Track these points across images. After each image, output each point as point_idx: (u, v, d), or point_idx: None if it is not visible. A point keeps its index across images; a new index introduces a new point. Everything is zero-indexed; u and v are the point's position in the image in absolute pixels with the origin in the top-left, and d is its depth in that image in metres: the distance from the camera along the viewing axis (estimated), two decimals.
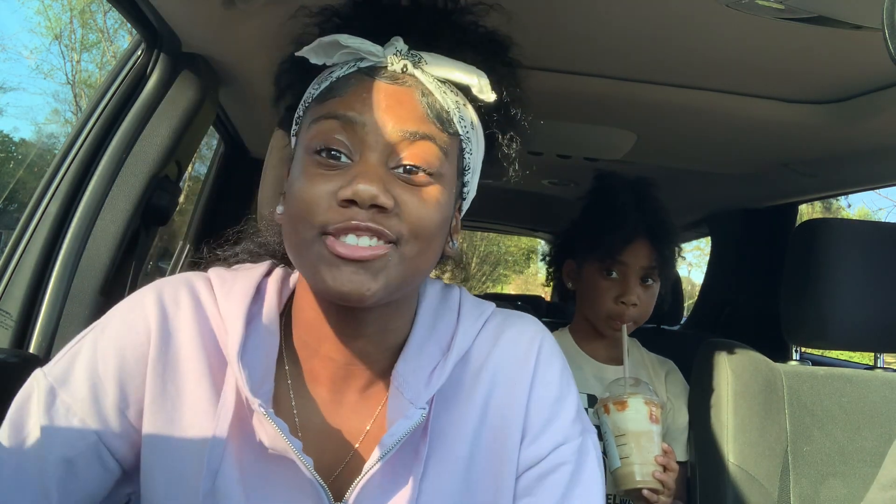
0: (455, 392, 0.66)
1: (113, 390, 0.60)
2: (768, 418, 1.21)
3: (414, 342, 0.66)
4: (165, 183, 1.12)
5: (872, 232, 1.29)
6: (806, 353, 1.67)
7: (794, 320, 1.30)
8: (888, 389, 1.25)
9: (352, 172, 0.56)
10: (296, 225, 0.57)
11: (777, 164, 1.61)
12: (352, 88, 0.59)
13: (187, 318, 0.63)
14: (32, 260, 1.00)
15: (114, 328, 0.62)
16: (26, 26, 17.67)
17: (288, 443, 0.57)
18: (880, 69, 1.05)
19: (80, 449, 0.59)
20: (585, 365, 1.33)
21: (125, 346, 0.61)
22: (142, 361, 0.61)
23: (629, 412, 1.10)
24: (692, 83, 1.19)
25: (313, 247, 0.56)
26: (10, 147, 12.11)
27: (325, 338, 0.63)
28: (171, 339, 0.62)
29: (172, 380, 0.61)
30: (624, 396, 1.11)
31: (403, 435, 0.59)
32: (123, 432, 0.60)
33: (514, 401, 0.66)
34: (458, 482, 0.63)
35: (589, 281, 1.32)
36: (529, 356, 0.68)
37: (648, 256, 1.27)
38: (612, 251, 1.27)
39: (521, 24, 1.01)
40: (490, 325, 0.70)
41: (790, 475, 1.19)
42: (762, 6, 0.83)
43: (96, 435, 0.59)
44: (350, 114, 0.57)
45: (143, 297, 0.64)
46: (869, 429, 1.21)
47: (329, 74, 0.62)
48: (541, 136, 1.57)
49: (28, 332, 0.98)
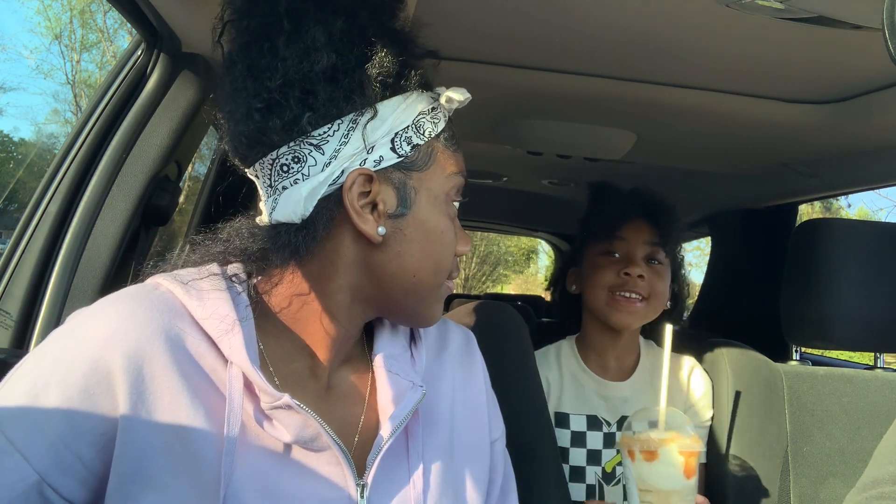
0: (429, 374, 0.73)
1: (57, 426, 0.54)
2: (768, 418, 1.21)
3: (385, 329, 0.73)
4: (165, 183, 1.12)
5: (872, 232, 1.29)
6: (806, 353, 1.68)
7: (795, 320, 1.30)
8: (888, 389, 1.25)
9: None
10: (434, 266, 0.66)
11: (777, 164, 1.61)
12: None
13: (156, 340, 0.57)
14: (32, 260, 1.00)
15: (61, 359, 0.56)
16: (26, 26, 17.70)
17: (320, 426, 0.59)
18: (880, 69, 1.05)
19: (19, 491, 0.53)
20: (588, 382, 1.25)
21: (72, 382, 0.55)
22: (99, 397, 0.55)
23: (659, 465, 0.84)
24: (692, 83, 1.19)
25: (441, 288, 0.68)
26: (10, 147, 12.11)
27: (321, 341, 0.67)
28: (144, 370, 0.56)
29: (152, 409, 0.56)
30: (653, 445, 0.85)
31: (412, 408, 0.65)
32: (71, 469, 0.55)
33: (475, 379, 0.78)
34: (448, 457, 0.70)
35: (591, 266, 1.26)
36: (471, 345, 0.81)
37: (650, 233, 1.24)
38: (610, 227, 1.24)
39: (522, 24, 1.02)
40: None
41: (790, 475, 1.19)
42: (762, 6, 0.83)
43: (38, 475, 0.53)
44: (466, 176, 0.69)
45: (96, 327, 0.57)
46: (869, 429, 1.21)
47: (439, 113, 0.67)
48: (541, 136, 1.57)
49: (28, 332, 0.98)
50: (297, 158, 0.61)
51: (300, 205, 0.61)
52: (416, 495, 0.64)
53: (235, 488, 0.57)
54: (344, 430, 0.66)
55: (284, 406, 0.58)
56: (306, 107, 0.60)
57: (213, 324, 0.60)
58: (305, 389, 0.66)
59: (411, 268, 0.65)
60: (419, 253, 0.64)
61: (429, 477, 0.66)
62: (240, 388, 0.59)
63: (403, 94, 0.63)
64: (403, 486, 0.65)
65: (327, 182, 0.61)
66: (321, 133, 0.60)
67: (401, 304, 0.67)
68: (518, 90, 1.27)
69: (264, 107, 0.60)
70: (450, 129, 0.67)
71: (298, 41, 0.60)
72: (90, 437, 0.55)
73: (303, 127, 0.60)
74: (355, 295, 0.66)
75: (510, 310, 1.07)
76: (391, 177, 0.63)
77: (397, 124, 0.62)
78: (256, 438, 0.60)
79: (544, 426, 1.02)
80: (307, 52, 0.59)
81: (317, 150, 0.61)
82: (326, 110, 0.60)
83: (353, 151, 0.61)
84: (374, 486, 0.63)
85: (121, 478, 0.55)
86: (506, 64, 1.17)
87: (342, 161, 0.61)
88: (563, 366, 1.27)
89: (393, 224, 0.63)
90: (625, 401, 1.23)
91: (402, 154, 0.63)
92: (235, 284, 0.64)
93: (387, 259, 0.64)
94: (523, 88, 1.26)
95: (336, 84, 0.60)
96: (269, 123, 0.60)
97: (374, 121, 0.61)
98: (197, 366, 0.59)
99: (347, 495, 0.61)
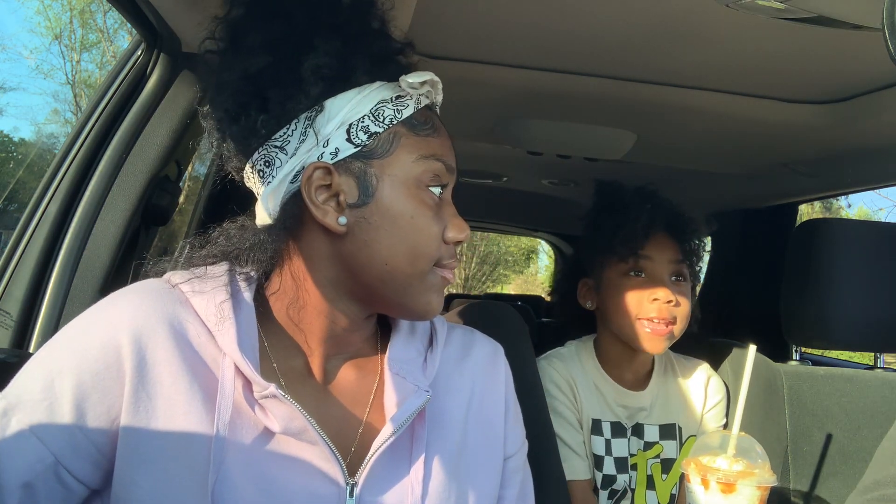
0: (445, 381, 0.73)
1: (70, 410, 0.58)
2: (768, 418, 1.21)
3: (401, 333, 0.73)
4: (165, 183, 1.12)
5: (872, 232, 1.29)
6: (806, 353, 1.67)
7: (795, 320, 1.30)
8: (888, 389, 1.25)
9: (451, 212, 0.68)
10: (408, 253, 0.64)
11: (777, 164, 1.61)
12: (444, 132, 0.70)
13: (159, 330, 0.61)
14: (32, 260, 1.00)
15: (73, 349, 0.60)
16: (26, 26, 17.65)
17: (306, 420, 0.60)
18: (880, 69, 1.05)
19: (38, 471, 0.57)
20: (608, 390, 1.20)
21: (86, 368, 0.59)
22: (107, 384, 0.59)
23: (736, 498, 0.79)
24: (692, 83, 1.19)
25: (428, 277, 0.66)
26: (10, 147, 12.11)
27: (312, 337, 0.68)
28: (147, 357, 0.60)
29: (153, 395, 0.60)
30: (733, 477, 0.79)
31: (414, 412, 0.65)
32: (83, 451, 0.58)
33: (495, 393, 0.77)
34: (454, 465, 0.69)
35: (613, 288, 1.17)
36: (498, 358, 0.80)
37: (674, 249, 1.16)
38: (634, 245, 1.14)
39: (522, 24, 1.02)
40: (458, 327, 0.80)
41: (790, 475, 1.19)
42: (762, 6, 0.83)
43: (54, 456, 0.57)
44: (448, 160, 0.67)
45: (108, 317, 0.62)
46: (869, 429, 1.21)
47: (406, 101, 0.66)
48: (541, 136, 1.57)
49: (28, 332, 0.98)
50: (268, 162, 0.64)
51: (268, 204, 0.64)
52: (414, 499, 0.64)
53: (227, 472, 0.59)
54: (343, 429, 0.66)
55: (271, 396, 0.60)
56: (261, 111, 0.63)
57: (211, 317, 0.63)
58: (304, 385, 0.67)
59: (381, 255, 0.64)
60: (388, 240, 0.64)
61: (428, 482, 0.66)
62: (231, 377, 0.61)
63: (357, 88, 0.64)
64: (401, 489, 0.65)
65: (287, 179, 0.63)
66: (281, 134, 0.64)
67: (382, 295, 0.66)
68: (518, 90, 1.27)
69: (227, 118, 0.65)
70: (423, 115, 0.67)
71: (239, 48, 0.64)
72: (103, 420, 0.59)
73: (259, 131, 0.63)
74: (337, 288, 0.66)
75: (510, 310, 1.07)
76: (350, 167, 0.64)
77: (351, 115, 0.63)
78: (251, 426, 0.62)
79: (543, 426, 1.02)
80: (246, 56, 0.63)
81: (281, 151, 0.64)
82: (279, 111, 0.63)
83: (310, 147, 0.63)
84: (367, 485, 0.63)
85: (123, 459, 0.58)
86: (505, 64, 1.17)
87: (300, 157, 0.63)
88: (586, 369, 1.22)
89: (356, 213, 0.64)
90: (642, 409, 1.21)
91: (359, 143, 0.63)
92: (241, 283, 0.67)
93: (356, 249, 0.64)
94: (523, 88, 1.26)
95: (281, 85, 0.63)
96: (232, 133, 0.64)
97: (323, 115, 0.63)
98: (197, 354, 0.62)
99: (336, 492, 0.62)
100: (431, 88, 0.67)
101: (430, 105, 0.68)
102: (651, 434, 1.20)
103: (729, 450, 0.81)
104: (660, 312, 1.12)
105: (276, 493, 0.60)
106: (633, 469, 1.18)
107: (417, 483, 0.65)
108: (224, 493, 0.58)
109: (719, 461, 0.80)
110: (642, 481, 1.18)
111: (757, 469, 0.80)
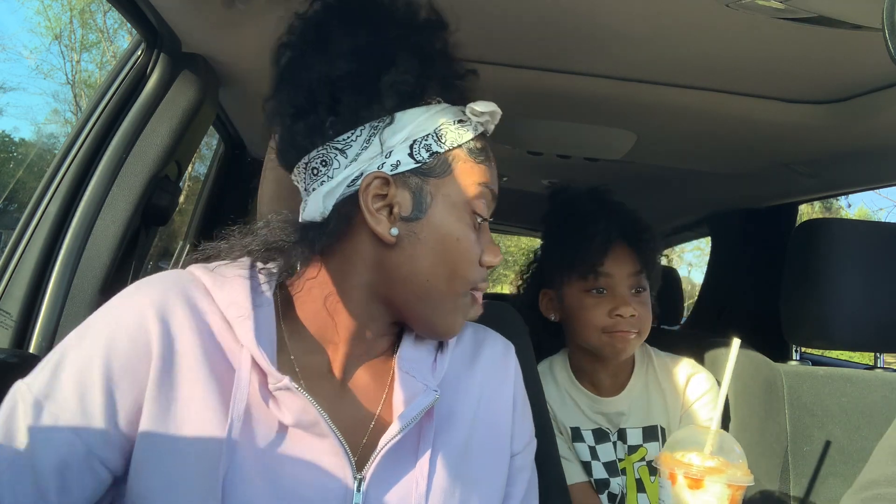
0: (455, 380, 0.74)
1: (101, 400, 0.59)
2: (768, 418, 1.21)
3: (413, 333, 0.74)
4: (165, 183, 1.12)
5: (872, 232, 1.29)
6: (806, 353, 1.68)
7: (794, 320, 1.30)
8: (888, 389, 1.25)
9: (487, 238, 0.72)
10: (448, 273, 0.67)
11: (777, 164, 1.61)
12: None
13: (184, 319, 0.63)
14: (32, 260, 1.00)
15: (102, 337, 0.61)
16: (26, 26, 17.67)
17: (318, 413, 0.61)
18: (880, 69, 1.05)
19: (70, 461, 0.58)
20: (582, 400, 1.23)
21: (115, 355, 0.60)
22: (137, 369, 0.60)
23: (703, 496, 0.76)
24: (692, 83, 1.19)
25: (461, 297, 0.69)
26: (10, 147, 12.11)
27: (339, 336, 0.70)
28: (174, 345, 0.62)
29: (175, 382, 0.61)
30: (700, 472, 0.76)
31: (422, 410, 0.66)
32: (113, 440, 0.60)
33: (504, 390, 0.78)
34: (459, 462, 0.70)
35: (575, 304, 1.20)
36: (509, 356, 0.81)
37: (633, 261, 1.18)
38: (594, 263, 1.16)
39: (522, 25, 1.02)
40: (469, 325, 0.81)
41: (790, 475, 1.19)
42: (762, 6, 0.83)
43: (86, 446, 0.59)
44: (494, 189, 0.72)
45: (135, 304, 0.63)
46: (869, 429, 1.21)
47: (466, 126, 0.68)
48: (541, 136, 1.57)
49: (28, 332, 0.98)
50: (325, 162, 0.65)
51: (320, 203, 0.65)
52: (418, 496, 0.65)
53: (238, 463, 0.60)
54: (355, 425, 0.68)
55: (285, 388, 0.61)
56: (331, 112, 0.65)
57: (231, 308, 0.64)
58: (322, 381, 0.69)
59: (424, 271, 0.66)
60: (432, 257, 0.66)
61: (433, 479, 0.67)
62: (247, 369, 0.62)
63: (426, 106, 0.66)
64: (406, 485, 0.66)
65: (345, 183, 0.65)
66: (345, 138, 0.65)
67: (414, 310, 0.69)
68: (518, 90, 1.27)
69: (294, 112, 0.66)
70: (480, 141, 0.69)
71: (324, 50, 0.65)
72: (131, 408, 0.60)
73: (326, 131, 0.65)
74: (372, 294, 0.68)
75: (510, 310, 1.07)
76: (408, 181, 0.65)
77: (417, 132, 0.65)
78: (264, 420, 0.63)
79: (544, 426, 1.02)
80: (331, 60, 0.64)
81: (341, 154, 0.65)
82: (349, 116, 0.64)
83: (372, 155, 0.64)
84: (374, 480, 0.64)
85: (141, 445, 0.59)
86: (506, 64, 1.17)
87: (361, 164, 0.64)
88: (558, 382, 1.25)
89: (407, 227, 0.66)
90: (620, 414, 1.21)
91: (420, 160, 0.65)
92: (261, 277, 0.69)
93: (401, 261, 0.66)
94: (523, 88, 1.26)
95: (358, 92, 0.64)
96: (295, 128, 0.65)
97: (391, 127, 0.65)
98: (217, 346, 0.64)
99: (345, 486, 0.63)
100: (490, 118, 0.70)
101: (484, 133, 0.71)
102: (634, 437, 1.21)
103: (706, 447, 0.78)
104: (623, 326, 1.16)
105: (285, 485, 0.61)
106: (623, 473, 1.19)
107: (422, 479, 0.66)
108: (234, 484, 0.59)
109: (691, 456, 0.78)
110: (632, 485, 1.19)
111: (731, 468, 0.77)
